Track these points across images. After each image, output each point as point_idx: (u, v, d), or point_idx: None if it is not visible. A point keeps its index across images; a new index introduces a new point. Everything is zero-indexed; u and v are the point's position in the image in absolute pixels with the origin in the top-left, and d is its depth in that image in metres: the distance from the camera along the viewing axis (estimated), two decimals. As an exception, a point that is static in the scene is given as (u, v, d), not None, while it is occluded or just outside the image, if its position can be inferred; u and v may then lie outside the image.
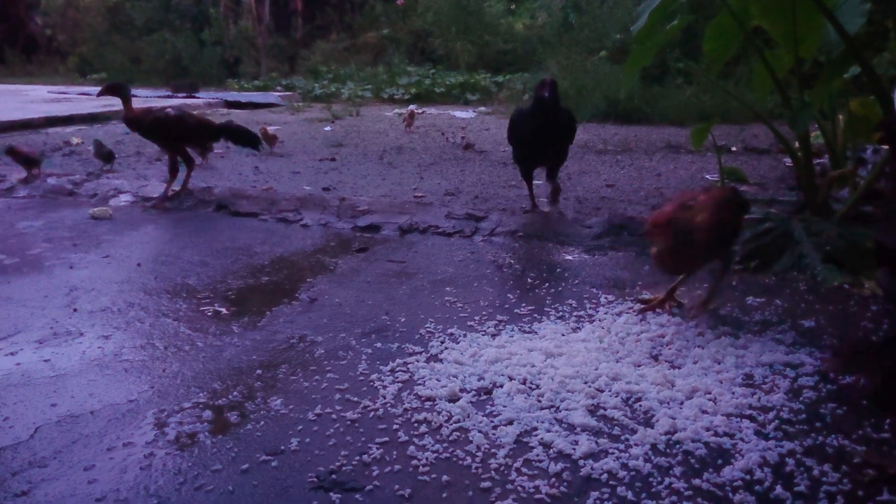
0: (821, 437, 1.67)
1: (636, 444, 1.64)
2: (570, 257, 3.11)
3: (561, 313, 2.45)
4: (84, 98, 9.75)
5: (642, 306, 2.45)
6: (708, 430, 1.70)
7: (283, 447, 1.65)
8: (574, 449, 1.62)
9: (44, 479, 1.54)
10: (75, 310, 2.52)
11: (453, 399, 1.85)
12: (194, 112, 5.05)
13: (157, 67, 13.27)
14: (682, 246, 2.22)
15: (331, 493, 1.48)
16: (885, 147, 3.37)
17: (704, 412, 1.77)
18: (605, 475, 1.53)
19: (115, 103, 4.55)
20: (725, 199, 2.37)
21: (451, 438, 1.68)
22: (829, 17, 2.95)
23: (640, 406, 1.82)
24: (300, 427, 1.73)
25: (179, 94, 10.05)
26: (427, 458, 1.60)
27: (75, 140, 6.28)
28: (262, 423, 1.76)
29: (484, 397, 1.87)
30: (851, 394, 1.88)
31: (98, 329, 2.35)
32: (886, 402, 1.78)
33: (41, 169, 4.68)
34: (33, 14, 16.13)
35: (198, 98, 9.72)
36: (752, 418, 1.75)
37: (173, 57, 13.19)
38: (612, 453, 1.61)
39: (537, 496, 1.47)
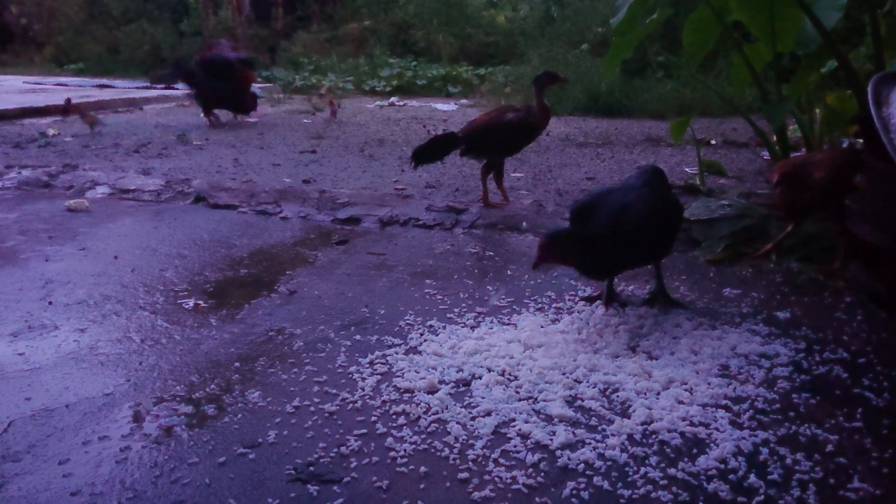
0: (794, 427, 1.69)
1: (613, 435, 1.65)
2: (549, 250, 3.12)
3: (540, 305, 2.45)
4: (60, 89, 9.60)
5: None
6: (684, 420, 1.71)
7: (260, 440, 1.64)
8: (551, 440, 1.63)
9: (17, 474, 1.52)
10: (50, 303, 2.49)
11: (432, 391, 1.86)
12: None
13: (135, 58, 13.08)
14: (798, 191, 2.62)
15: (308, 486, 1.47)
16: (861, 141, 3.41)
17: (681, 402, 1.79)
18: (582, 465, 1.54)
19: (91, 94, 4.48)
20: (838, 162, 2.70)
21: (429, 430, 1.68)
22: (806, 11, 2.98)
23: (618, 397, 1.84)
24: (278, 420, 1.73)
25: (158, 86, 9.91)
26: (405, 450, 1.60)
27: (51, 131, 6.18)
28: (240, 415, 1.75)
29: (462, 389, 1.88)
30: (824, 384, 1.91)
31: (74, 322, 2.33)
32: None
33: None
34: (8, 3, 15.85)
35: (177, 89, 9.60)
36: (727, 408, 1.77)
37: (152, 47, 13.02)
38: (589, 444, 1.62)
39: (514, 486, 1.48)
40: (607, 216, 2.21)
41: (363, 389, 1.87)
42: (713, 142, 5.72)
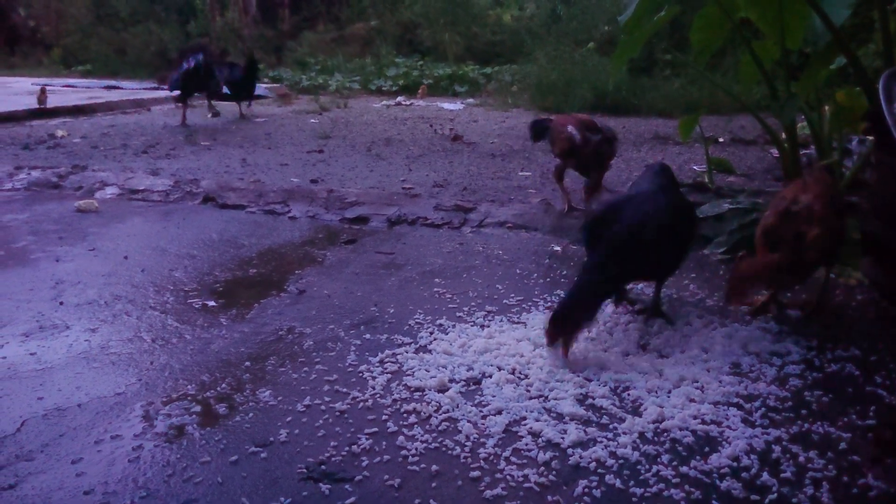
0: (806, 425, 1.68)
1: (624, 433, 1.65)
2: (558, 248, 3.12)
3: (549, 304, 2.45)
4: (68, 90, 9.65)
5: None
6: (695, 418, 1.71)
7: (272, 438, 1.65)
8: (563, 438, 1.63)
9: (31, 473, 1.53)
10: (61, 303, 2.50)
11: (442, 389, 1.85)
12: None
13: (142, 59, 13.13)
14: (791, 260, 2.09)
15: (320, 484, 1.48)
16: (871, 138, 3.39)
17: (692, 401, 1.79)
18: (594, 463, 1.54)
19: (99, 95, 4.50)
20: (832, 204, 2.20)
21: (440, 428, 1.68)
22: (815, 8, 2.97)
23: (629, 395, 1.83)
24: (289, 418, 1.73)
25: (165, 87, 9.94)
26: (416, 448, 1.60)
27: (60, 132, 6.21)
28: (251, 414, 1.75)
29: (473, 387, 1.88)
30: (836, 382, 1.90)
31: (85, 322, 2.34)
32: None
33: None
34: (16, 5, 15.93)
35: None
36: (738, 406, 1.77)
37: (159, 49, 13.06)
38: (601, 442, 1.62)
39: (526, 485, 1.47)
40: (627, 230, 2.11)
41: (374, 388, 1.87)
42: (721, 139, 5.70)
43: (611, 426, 1.69)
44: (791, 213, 2.16)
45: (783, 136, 3.61)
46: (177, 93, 6.86)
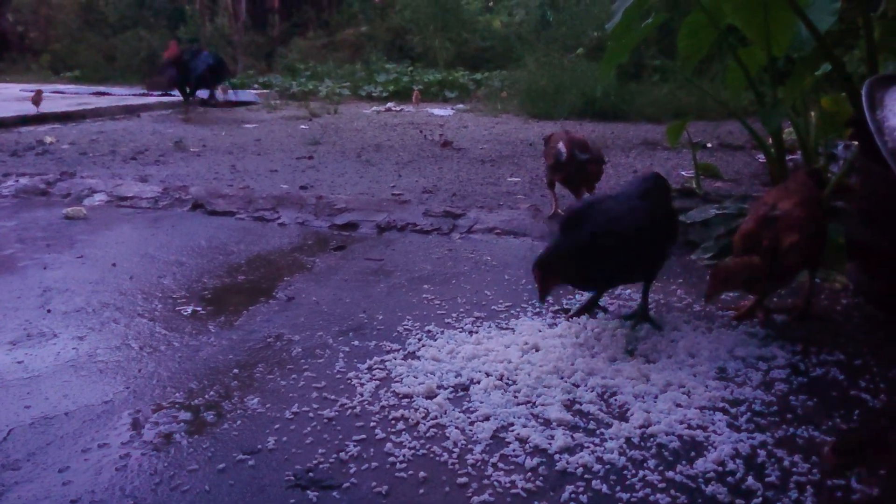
0: (791, 429, 1.70)
1: (611, 438, 1.66)
2: (547, 254, 3.13)
3: (538, 309, 2.46)
4: (57, 96, 9.60)
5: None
6: (682, 423, 1.72)
7: (260, 446, 1.65)
8: (550, 443, 1.63)
9: (17, 482, 1.52)
10: (49, 311, 2.49)
11: (430, 396, 1.86)
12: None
13: (131, 65, 13.09)
14: (769, 268, 2.10)
15: (308, 492, 1.48)
16: (856, 143, 3.42)
17: (678, 405, 1.80)
18: (581, 469, 1.55)
19: (88, 102, 4.49)
20: (813, 210, 2.19)
21: (428, 435, 1.69)
22: (800, 15, 3.00)
23: (616, 400, 1.84)
24: (277, 426, 1.73)
25: (155, 93, 9.92)
26: (404, 455, 1.60)
27: (49, 139, 6.19)
28: (239, 422, 1.75)
29: (461, 394, 1.88)
30: (821, 386, 1.91)
31: (72, 330, 2.33)
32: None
33: None
34: (4, 11, 15.85)
35: (173, 96, 9.60)
36: (724, 411, 1.78)
37: (148, 55, 13.03)
38: (588, 447, 1.62)
39: (514, 491, 1.48)
40: (600, 222, 2.17)
41: (362, 395, 1.87)
42: (709, 145, 5.74)
43: (598, 431, 1.70)
44: (770, 219, 2.17)
45: (770, 141, 3.64)
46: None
